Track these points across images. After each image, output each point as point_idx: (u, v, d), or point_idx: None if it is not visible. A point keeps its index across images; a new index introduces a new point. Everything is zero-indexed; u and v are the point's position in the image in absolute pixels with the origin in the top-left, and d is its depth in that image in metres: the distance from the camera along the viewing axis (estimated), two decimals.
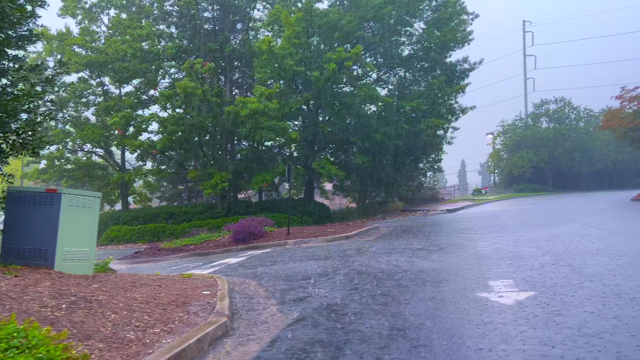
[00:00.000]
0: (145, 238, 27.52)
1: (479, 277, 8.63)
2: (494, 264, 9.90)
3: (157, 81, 28.42)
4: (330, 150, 33.71)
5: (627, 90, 34.61)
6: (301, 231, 18.43)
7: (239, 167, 27.17)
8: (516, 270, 9.03)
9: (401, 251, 12.73)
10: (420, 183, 42.28)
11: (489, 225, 18.48)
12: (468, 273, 9.07)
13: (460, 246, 12.98)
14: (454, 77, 31.14)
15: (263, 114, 24.04)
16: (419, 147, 30.47)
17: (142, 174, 28.63)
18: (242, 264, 12.69)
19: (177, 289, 8.17)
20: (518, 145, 61.26)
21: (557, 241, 12.82)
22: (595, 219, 19.58)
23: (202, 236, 18.98)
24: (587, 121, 62.88)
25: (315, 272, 10.24)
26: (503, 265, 9.69)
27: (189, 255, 16.95)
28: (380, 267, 10.26)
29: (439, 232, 17.45)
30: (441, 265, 10.18)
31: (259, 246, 16.48)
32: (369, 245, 14.59)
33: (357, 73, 32.38)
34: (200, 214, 28.27)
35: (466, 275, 8.85)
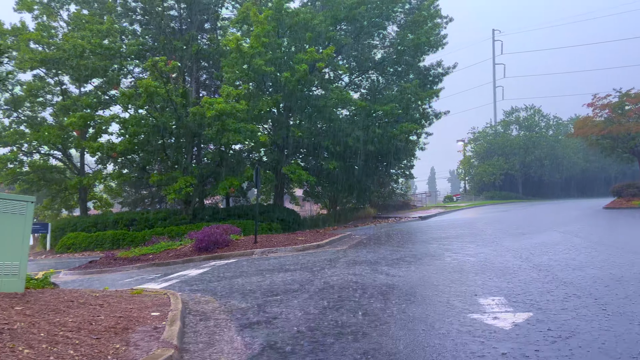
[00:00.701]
0: (105, 246, 25.94)
1: (466, 294, 7.71)
2: (479, 278, 9.02)
3: (119, 80, 26.86)
4: (301, 155, 32.70)
5: (599, 98, 34.72)
6: (269, 239, 17.31)
7: (205, 172, 25.89)
8: (505, 286, 8.16)
9: (377, 262, 11.77)
10: (392, 189, 41.67)
11: (466, 234, 17.73)
12: (453, 288, 8.15)
13: (440, 257, 12.11)
14: (428, 81, 30.56)
15: (230, 115, 22.86)
16: (392, 153, 29.71)
17: (101, 178, 26.99)
18: (203, 277, 11.52)
19: (122, 310, 6.99)
20: (489, 152, 61.47)
21: (541, 252, 12.07)
22: (574, 227, 19.06)
23: (162, 245, 17.66)
24: (557, 129, 63.58)
25: (284, 287, 9.18)
26: (489, 279, 8.82)
27: (147, 265, 15.64)
28: (356, 281, 9.26)
29: (414, 241, 16.61)
30: (422, 278, 9.24)
31: (224, 256, 15.30)
32: (342, 255, 13.60)
33: (329, 76, 31.53)
34: (163, 220, 26.83)
35: (452, 292, 7.92)
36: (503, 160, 58.56)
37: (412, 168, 38.45)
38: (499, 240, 15.19)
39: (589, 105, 35.51)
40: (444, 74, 30.68)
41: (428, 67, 30.66)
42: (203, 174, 25.91)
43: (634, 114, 32.98)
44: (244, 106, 23.09)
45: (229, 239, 16.57)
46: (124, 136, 25.38)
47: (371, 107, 27.08)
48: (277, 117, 28.98)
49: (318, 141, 28.17)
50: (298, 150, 31.30)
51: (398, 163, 33.89)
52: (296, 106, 27.69)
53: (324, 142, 27.25)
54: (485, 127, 66.51)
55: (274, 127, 29.31)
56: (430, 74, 30.57)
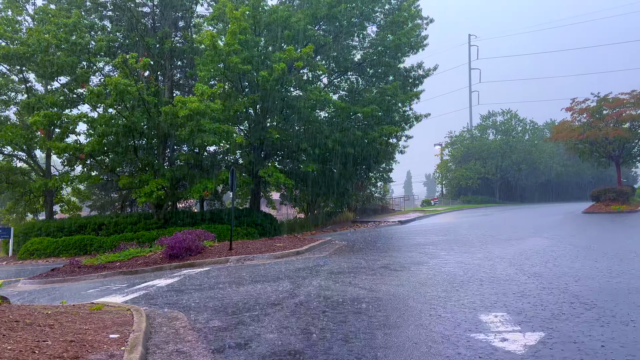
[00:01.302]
0: (71, 251, 24.62)
1: (464, 309, 6.97)
2: (474, 289, 8.30)
3: (87, 78, 25.51)
4: (278, 157, 31.80)
5: (577, 102, 34.68)
6: (245, 246, 16.38)
7: (178, 174, 24.76)
8: (505, 299, 7.45)
9: (362, 270, 10.99)
10: (371, 193, 41.06)
11: (450, 240, 17.10)
12: (449, 302, 7.40)
13: (427, 265, 11.39)
14: (408, 83, 30.00)
15: (205, 115, 21.85)
16: (371, 156, 29.03)
17: (68, 181, 25.60)
18: (173, 288, 10.57)
19: (75, 332, 6.05)
20: (466, 156, 61.42)
21: (533, 259, 11.45)
22: (559, 232, 18.62)
23: (130, 251, 16.56)
24: (533, 134, 63.92)
25: (262, 301, 8.31)
26: (486, 291, 8.11)
27: (113, 273, 14.57)
28: (341, 293, 8.45)
29: (398, 247, 15.90)
30: (414, 290, 8.47)
31: (196, 264, 14.33)
32: (324, 262, 12.78)
33: (308, 77, 30.73)
34: (134, 224, 25.61)
35: (448, 306, 7.17)
36: (480, 165, 58.55)
37: (391, 171, 37.93)
38: (486, 246, 14.58)
39: (567, 110, 35.47)
40: (425, 75, 30.15)
41: (408, 69, 30.10)
42: (176, 177, 24.78)
43: (611, 118, 32.99)
44: (219, 106, 22.11)
45: (202, 246, 15.59)
46: (92, 136, 24.11)
47: (351, 109, 26.35)
48: (253, 118, 28.04)
49: (296, 143, 27.32)
50: (275, 152, 30.40)
51: (378, 166, 33.24)
52: (273, 107, 26.79)
53: (302, 144, 26.42)
54: (463, 131, 66.52)
55: (251, 128, 28.35)
56: (411, 76, 30.00)
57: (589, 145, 34.67)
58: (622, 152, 33.67)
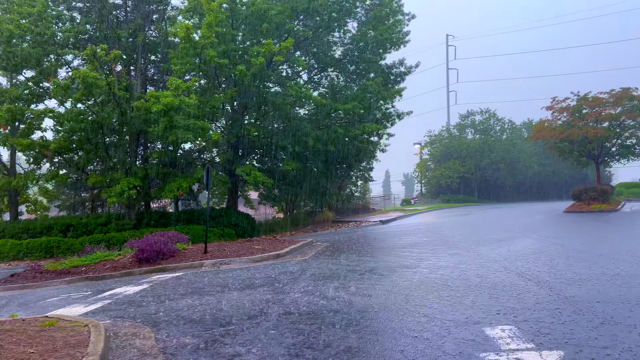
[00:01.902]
0: (36, 254, 23.29)
1: (466, 321, 6.23)
2: (472, 297, 7.57)
3: (55, 71, 24.13)
4: (257, 155, 30.82)
5: (558, 101, 34.50)
6: (222, 248, 15.46)
7: (151, 173, 23.64)
8: (508, 309, 6.74)
9: (347, 275, 10.20)
10: (351, 192, 40.37)
11: (437, 241, 16.43)
12: (448, 313, 6.65)
13: (416, 268, 10.65)
14: (390, 80, 29.32)
15: (179, 110, 20.81)
16: (353, 154, 28.27)
17: (33, 179, 24.26)
18: (142, 296, 9.63)
19: (16, 358, 5.11)
20: (445, 155, 61.21)
21: (526, 262, 10.81)
22: (546, 232, 18.13)
23: (97, 255, 15.47)
24: (512, 133, 64.04)
25: (240, 312, 7.46)
26: (485, 299, 7.39)
27: (78, 279, 13.50)
28: (327, 304, 7.64)
29: (383, 249, 15.17)
30: (407, 298, 7.71)
31: (168, 268, 13.36)
32: (306, 266, 11.95)
33: (287, 73, 29.86)
34: (103, 225, 24.37)
35: (448, 318, 6.42)
36: (459, 164, 58.37)
37: (371, 170, 37.26)
38: (475, 247, 13.93)
39: (548, 109, 35.26)
40: (406, 73, 29.49)
41: (390, 66, 29.42)
42: (148, 176, 23.64)
43: (591, 117, 32.87)
44: (195, 101, 21.07)
45: (175, 249, 14.62)
46: (60, 133, 22.85)
47: (332, 106, 25.55)
48: (231, 115, 27.03)
49: (275, 141, 26.41)
50: (254, 150, 29.42)
51: (359, 165, 32.52)
52: (252, 103, 25.85)
53: (282, 142, 25.54)
54: (442, 130, 66.34)
55: (228, 125, 27.34)
56: (393, 73, 29.32)
57: (569, 144, 34.53)
58: (602, 151, 33.59)
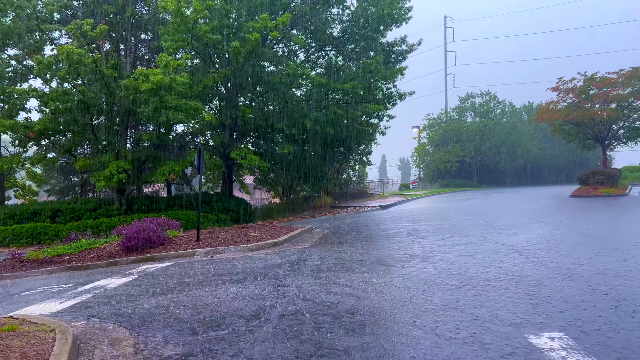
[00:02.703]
0: (22, 241, 22.27)
1: (504, 325, 5.24)
2: (501, 294, 6.58)
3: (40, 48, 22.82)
4: (252, 138, 29.68)
5: (564, 82, 33.42)
6: (215, 236, 14.45)
7: (141, 156, 22.52)
8: (550, 311, 5.74)
9: (353, 267, 9.21)
10: (349, 177, 39.38)
11: (445, 227, 15.47)
12: (479, 316, 5.65)
13: (430, 259, 9.67)
14: (391, 59, 28.11)
15: (170, 90, 19.65)
16: (352, 137, 27.16)
17: (18, 162, 23.09)
18: (125, 290, 8.63)
19: None
20: (444, 139, 60.14)
21: (549, 251, 9.85)
22: (558, 218, 17.21)
23: (82, 243, 14.44)
24: (512, 116, 62.95)
25: (234, 312, 6.47)
26: (518, 297, 6.39)
27: (60, 269, 12.49)
28: (333, 302, 6.64)
29: (387, 236, 14.17)
30: (423, 295, 6.71)
31: (157, 257, 12.35)
32: (307, 256, 10.96)
33: (284, 52, 28.62)
34: (93, 211, 23.31)
35: (479, 320, 5.42)
36: (459, 147, 57.33)
37: (370, 154, 36.20)
38: (488, 235, 12.97)
39: (553, 90, 34.22)
40: (408, 51, 28.26)
41: (391, 43, 28.15)
42: (139, 159, 22.51)
43: (598, 98, 31.86)
44: (186, 79, 19.91)
45: (164, 236, 13.59)
46: (44, 113, 21.68)
47: (330, 86, 24.39)
48: (224, 95, 25.84)
49: (271, 123, 25.29)
50: (249, 133, 28.29)
51: (358, 148, 31.41)
52: (246, 83, 24.67)
53: (278, 123, 24.41)
54: (441, 113, 65.13)
55: (222, 106, 26.17)
56: (394, 51, 28.08)
57: (574, 126, 33.55)
58: (609, 134, 32.65)
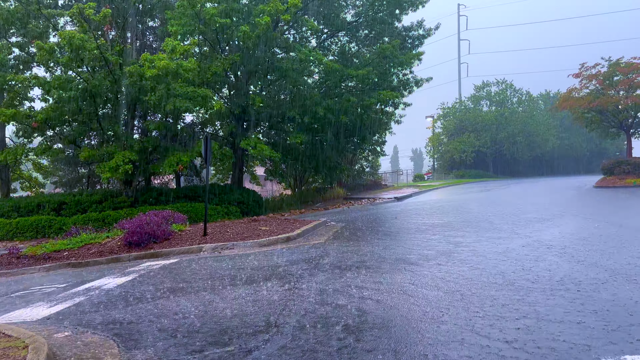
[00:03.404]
0: (27, 234, 21.56)
1: (569, 344, 4.25)
2: (557, 304, 5.58)
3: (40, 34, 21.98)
4: (263, 128, 28.73)
5: (587, 67, 32.03)
6: (224, 230, 13.56)
7: (148, 146, 21.66)
8: (625, 324, 4.76)
9: (375, 265, 8.26)
10: (362, 167, 38.35)
11: (468, 221, 14.45)
12: (534, 326, 4.67)
13: (458, 257, 8.68)
14: (407, 44, 26.94)
15: (176, 76, 18.74)
16: (366, 125, 26.08)
17: (22, 154, 22.37)
18: (122, 292, 7.76)
19: None
20: (459, 129, 58.76)
21: (596, 250, 8.76)
22: (591, 210, 16.12)
23: (83, 237, 13.64)
24: (529, 105, 61.37)
25: (242, 320, 5.55)
26: (579, 309, 5.39)
27: (59, 266, 11.68)
28: (357, 307, 5.69)
29: (408, 230, 13.18)
30: (461, 302, 5.73)
31: (161, 254, 11.49)
32: (323, 253, 10.03)
33: (295, 38, 27.57)
34: (98, 203, 22.54)
35: (534, 328, 4.43)
36: (474, 137, 55.93)
37: (384, 144, 35.06)
38: (518, 229, 11.94)
39: (575, 76, 32.85)
40: (425, 36, 27.05)
41: (407, 28, 26.94)
42: (145, 149, 21.67)
43: (624, 85, 30.47)
44: (193, 65, 18.98)
45: (169, 231, 12.73)
46: (47, 102, 20.89)
47: (343, 72, 23.33)
48: (234, 84, 24.90)
49: (282, 112, 24.32)
50: (260, 122, 27.33)
51: (371, 137, 30.30)
52: (257, 70, 23.69)
53: (290, 111, 23.43)
54: (455, 102, 63.69)
55: (231, 95, 25.26)
56: (410, 36, 26.87)
57: (598, 114, 32.19)
58: (635, 122, 31.28)
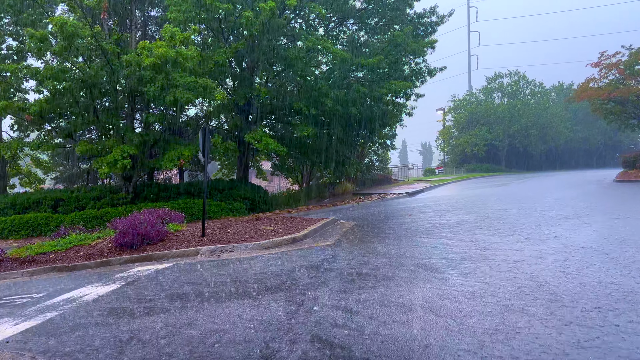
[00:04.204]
0: (22, 232, 20.65)
1: None
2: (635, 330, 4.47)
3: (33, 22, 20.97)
4: (269, 121, 27.64)
5: (607, 56, 30.60)
6: (224, 230, 12.48)
7: (148, 139, 20.64)
8: None
9: (393, 275, 7.14)
10: (372, 162, 37.19)
11: (489, 219, 13.28)
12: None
13: (486, 262, 7.55)
14: (419, 32, 25.66)
15: (176, 65, 17.67)
16: (377, 117, 24.89)
17: (17, 148, 21.43)
18: (100, 306, 6.71)
19: None
20: (470, 121, 57.33)
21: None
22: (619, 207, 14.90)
23: (72, 238, 12.64)
24: (542, 97, 59.77)
25: (235, 349, 4.47)
26: None
27: (43, 270, 10.68)
28: (374, 332, 4.59)
29: (425, 230, 12.04)
30: (509, 327, 4.60)
31: (155, 257, 10.45)
32: (331, 257, 8.93)
33: (301, 27, 26.39)
34: (97, 200, 21.59)
35: None
36: (486, 130, 54.48)
37: (394, 137, 33.83)
38: (546, 228, 10.78)
39: (594, 65, 31.43)
40: (438, 23, 25.77)
41: (420, 15, 25.63)
42: (145, 143, 20.64)
43: None
44: (194, 53, 17.89)
45: (164, 231, 11.66)
46: (41, 93, 19.91)
47: (353, 61, 22.15)
48: (238, 74, 23.78)
49: (289, 103, 23.20)
50: (265, 115, 26.23)
51: (382, 130, 29.08)
52: (262, 59, 22.56)
53: (297, 103, 22.31)
54: (466, 94, 62.17)
55: (235, 86, 24.16)
56: (422, 23, 25.58)
57: (618, 105, 30.79)
58: None
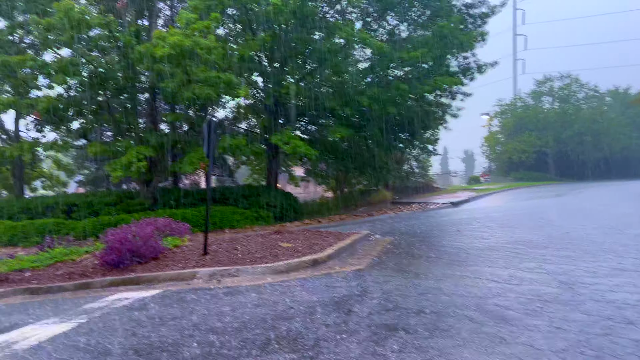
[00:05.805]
0: (32, 239, 19.13)
1: None
2: None
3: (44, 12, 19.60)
4: (300, 123, 25.53)
5: None
6: (233, 246, 10.36)
7: (166, 140, 18.85)
8: None
9: (450, 325, 4.84)
10: (412, 168, 34.64)
11: (555, 237, 10.72)
12: None
13: (577, 306, 5.13)
14: (467, 24, 23.08)
15: (193, 56, 15.81)
16: (418, 119, 22.42)
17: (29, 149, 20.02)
18: (50, 354, 4.67)
19: None
20: (518, 127, 53.86)
21: None
22: None
23: (55, 252, 10.82)
24: (599, 101, 55.70)
25: None
26: None
27: (14, 292, 8.83)
28: None
29: (481, 253, 9.58)
30: None
31: (143, 279, 8.42)
32: (361, 289, 6.67)
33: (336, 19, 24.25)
34: (112, 205, 19.98)
35: None
36: (535, 136, 50.98)
37: (437, 142, 30.87)
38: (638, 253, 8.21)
39: None
40: (488, 14, 23.08)
41: (468, 5, 23.06)
42: (163, 144, 18.85)
43: None
44: (215, 44, 15.99)
45: (159, 247, 9.62)
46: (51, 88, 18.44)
47: (393, 55, 19.86)
48: (266, 71, 21.83)
49: (322, 102, 21.08)
50: (296, 116, 24.16)
51: (424, 133, 26.47)
52: (292, 54, 20.56)
53: (329, 102, 20.18)
54: (514, 98, 58.69)
55: (264, 84, 22.23)
56: (471, 14, 23.01)
57: None
58: None
